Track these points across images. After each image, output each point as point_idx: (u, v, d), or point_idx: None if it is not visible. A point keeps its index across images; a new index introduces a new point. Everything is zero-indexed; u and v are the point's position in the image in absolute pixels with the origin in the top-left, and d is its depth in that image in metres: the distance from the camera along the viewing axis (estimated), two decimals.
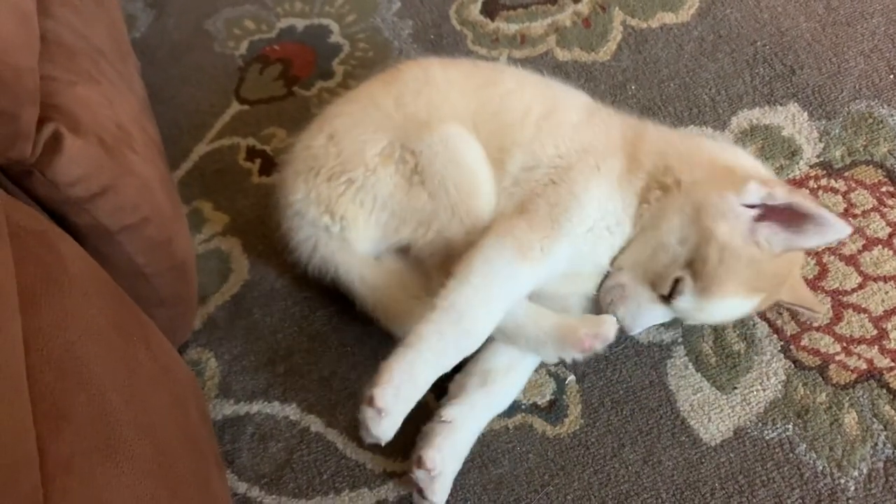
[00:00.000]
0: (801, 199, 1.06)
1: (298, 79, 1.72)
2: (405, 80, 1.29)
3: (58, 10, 1.19)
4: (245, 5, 1.89)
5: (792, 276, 1.16)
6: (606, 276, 1.19)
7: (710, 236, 1.08)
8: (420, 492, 1.09)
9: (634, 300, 1.15)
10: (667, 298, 1.13)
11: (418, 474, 1.09)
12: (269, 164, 1.58)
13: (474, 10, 1.76)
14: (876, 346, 1.18)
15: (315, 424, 1.25)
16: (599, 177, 1.17)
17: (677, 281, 1.11)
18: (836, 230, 1.05)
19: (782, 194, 1.06)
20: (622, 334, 1.16)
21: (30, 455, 0.59)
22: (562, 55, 1.64)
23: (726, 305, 1.11)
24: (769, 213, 1.08)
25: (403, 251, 1.26)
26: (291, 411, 1.26)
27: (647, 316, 1.16)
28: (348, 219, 1.23)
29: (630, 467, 1.14)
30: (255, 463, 1.22)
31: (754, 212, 1.09)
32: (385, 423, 1.02)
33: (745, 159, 1.20)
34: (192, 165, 1.61)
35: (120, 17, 1.56)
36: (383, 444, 1.05)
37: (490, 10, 1.74)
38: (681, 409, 1.18)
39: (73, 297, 0.82)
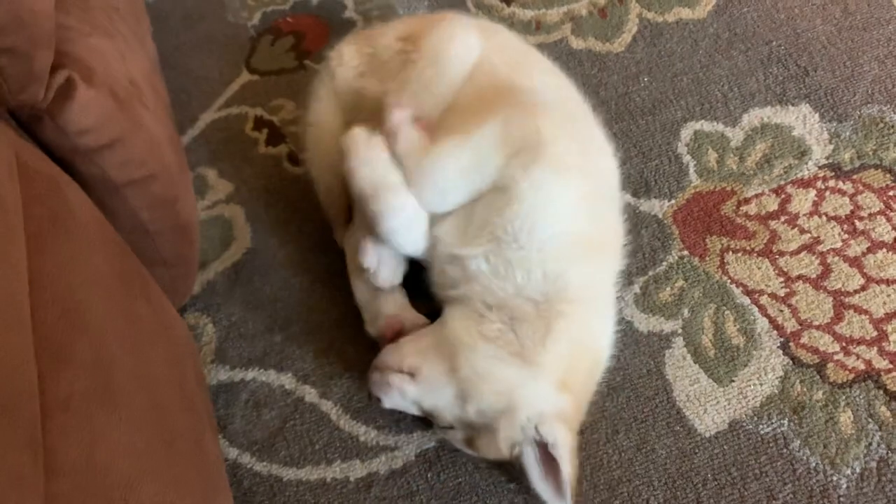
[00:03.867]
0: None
1: (310, 52, 1.71)
2: None
3: None
4: None
5: None
6: None
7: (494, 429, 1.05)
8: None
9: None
10: None
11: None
12: (276, 135, 1.57)
13: None
14: (875, 348, 1.18)
15: (309, 395, 1.24)
16: None
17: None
18: None
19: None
20: None
21: (31, 387, 0.59)
22: (576, 43, 1.63)
23: None
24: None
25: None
26: (287, 380, 1.26)
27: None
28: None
29: (623, 454, 1.14)
30: (247, 429, 1.22)
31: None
32: (383, 273, 1.16)
33: None
34: (198, 132, 1.60)
35: None
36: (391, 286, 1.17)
37: None
38: (677, 399, 1.18)
39: (78, 243, 0.82)
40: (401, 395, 1.10)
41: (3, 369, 0.55)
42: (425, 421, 1.15)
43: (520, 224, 1.06)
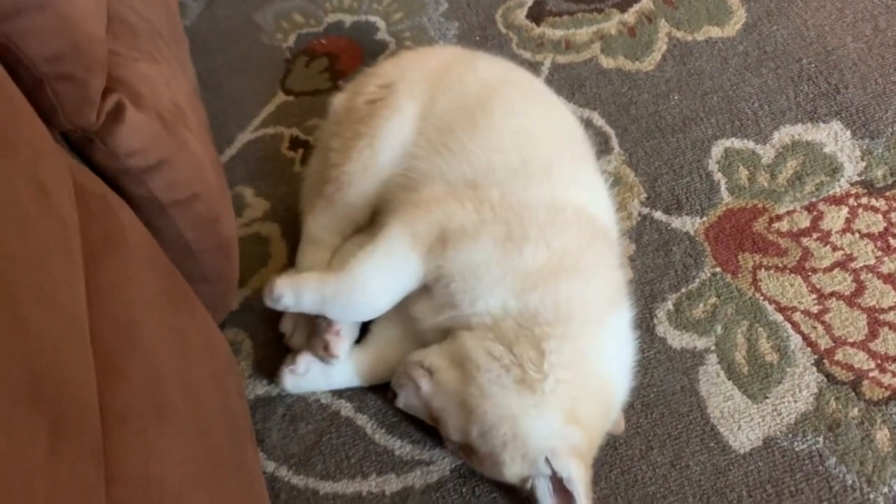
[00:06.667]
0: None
1: (344, 73, 1.74)
2: None
3: None
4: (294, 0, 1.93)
5: None
6: None
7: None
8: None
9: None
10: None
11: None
12: (312, 155, 1.60)
13: (520, 15, 1.78)
14: None
15: (345, 409, 1.26)
16: None
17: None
18: None
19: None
20: None
21: (93, 402, 0.61)
22: (606, 62, 1.65)
23: None
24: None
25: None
26: (322, 395, 1.28)
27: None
28: None
29: (657, 470, 1.15)
30: (284, 443, 1.24)
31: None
32: (269, 302, 1.18)
33: None
34: (235, 152, 1.64)
35: (175, 2, 1.59)
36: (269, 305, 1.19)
37: (536, 15, 1.76)
38: (711, 415, 1.18)
39: (130, 261, 0.85)
40: (415, 391, 1.13)
41: (70, 385, 0.58)
42: None
43: (469, 296, 1.11)
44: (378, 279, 1.15)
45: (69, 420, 0.56)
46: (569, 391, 1.05)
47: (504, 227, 1.10)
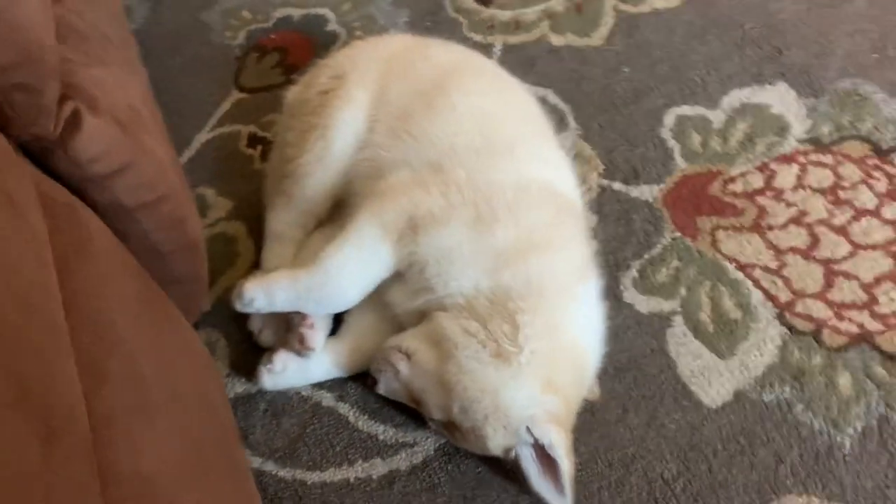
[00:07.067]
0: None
1: (296, 67, 1.74)
2: None
3: None
4: None
5: None
6: None
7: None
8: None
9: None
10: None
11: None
12: (271, 151, 1.60)
13: None
14: (867, 311, 1.23)
15: (326, 399, 1.27)
16: None
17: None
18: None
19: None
20: None
21: (80, 405, 0.62)
22: (556, 40, 1.68)
23: None
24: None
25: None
26: (303, 387, 1.29)
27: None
28: None
29: (635, 431, 1.18)
30: (268, 438, 1.25)
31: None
32: (240, 306, 1.19)
33: None
34: (194, 153, 1.63)
35: (120, 5, 1.58)
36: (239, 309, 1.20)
37: None
38: (682, 374, 1.22)
39: (101, 267, 0.85)
40: (394, 375, 1.15)
41: (57, 389, 0.58)
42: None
43: (442, 279, 1.13)
44: (350, 271, 1.16)
45: (59, 423, 0.57)
46: (544, 361, 1.08)
47: (473, 210, 1.12)
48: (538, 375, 1.07)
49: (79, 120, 0.95)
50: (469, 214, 1.12)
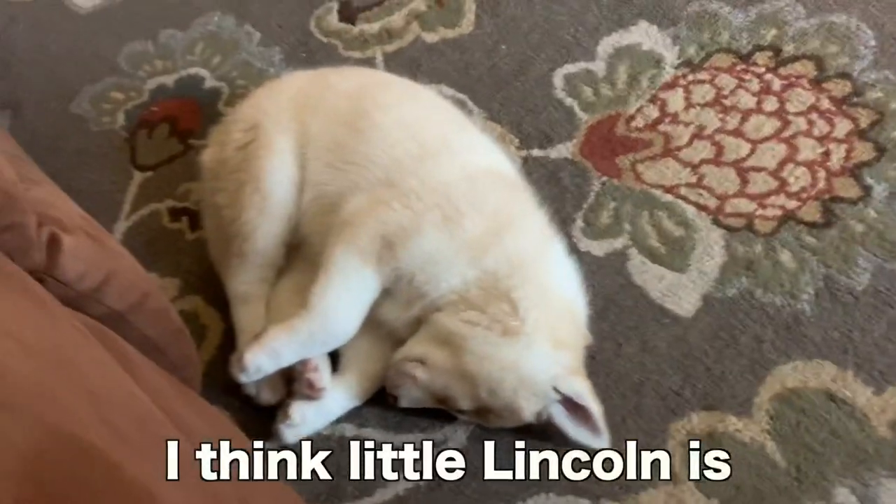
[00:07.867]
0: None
1: (191, 131, 1.74)
2: None
3: None
4: (104, 79, 1.87)
5: None
6: None
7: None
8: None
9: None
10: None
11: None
12: (197, 218, 1.60)
13: (333, 20, 1.84)
14: (782, 194, 1.40)
15: (349, 430, 1.31)
16: None
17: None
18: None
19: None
20: None
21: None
22: (430, 38, 1.76)
23: None
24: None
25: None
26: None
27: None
28: None
29: (633, 360, 1.30)
30: (308, 487, 1.27)
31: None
32: (246, 377, 1.23)
33: None
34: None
35: None
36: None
37: (348, 16, 1.84)
38: (654, 297, 1.35)
39: (143, 371, 0.86)
40: (414, 383, 1.20)
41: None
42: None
43: (433, 283, 1.20)
44: (344, 305, 1.20)
45: None
46: (546, 323, 1.17)
47: (438, 211, 1.19)
48: (546, 338, 1.17)
49: (58, 242, 0.94)
50: (436, 217, 1.19)
